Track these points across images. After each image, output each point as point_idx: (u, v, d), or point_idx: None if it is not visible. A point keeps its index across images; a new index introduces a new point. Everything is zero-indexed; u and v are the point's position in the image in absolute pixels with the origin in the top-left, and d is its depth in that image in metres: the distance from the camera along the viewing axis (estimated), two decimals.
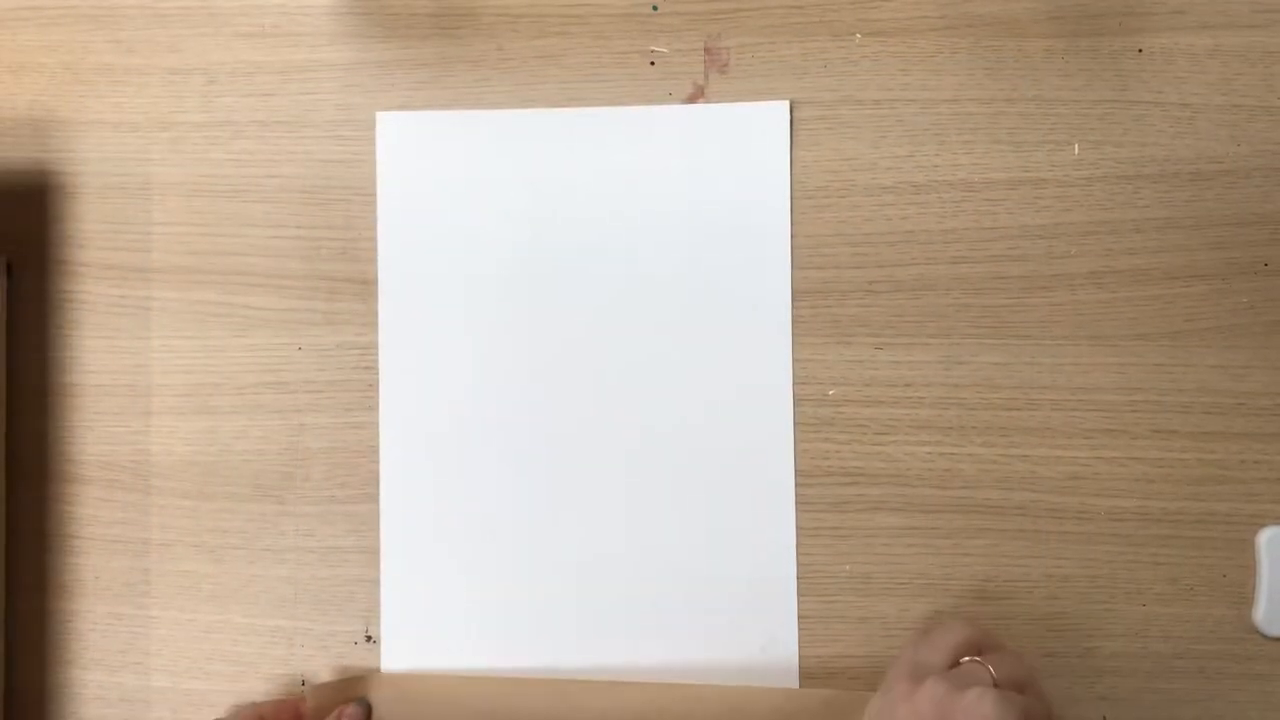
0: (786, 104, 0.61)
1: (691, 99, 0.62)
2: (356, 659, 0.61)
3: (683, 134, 0.61)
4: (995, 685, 0.49)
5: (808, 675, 0.59)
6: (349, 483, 0.61)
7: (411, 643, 0.60)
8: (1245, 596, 0.59)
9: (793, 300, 0.61)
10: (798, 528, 0.60)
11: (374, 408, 0.61)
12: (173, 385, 0.62)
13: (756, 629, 0.59)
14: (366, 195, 0.62)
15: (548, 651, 0.60)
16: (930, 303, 0.60)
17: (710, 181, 0.61)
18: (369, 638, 0.61)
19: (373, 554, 0.61)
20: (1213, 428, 0.60)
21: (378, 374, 0.61)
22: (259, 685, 0.61)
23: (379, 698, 0.59)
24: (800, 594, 0.60)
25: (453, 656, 0.60)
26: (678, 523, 0.60)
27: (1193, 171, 0.61)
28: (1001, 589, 0.60)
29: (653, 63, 0.62)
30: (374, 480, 0.61)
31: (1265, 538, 0.59)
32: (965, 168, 0.61)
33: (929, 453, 0.60)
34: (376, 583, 0.61)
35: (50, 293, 0.62)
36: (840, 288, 0.61)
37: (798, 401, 0.60)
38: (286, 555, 0.61)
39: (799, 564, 0.60)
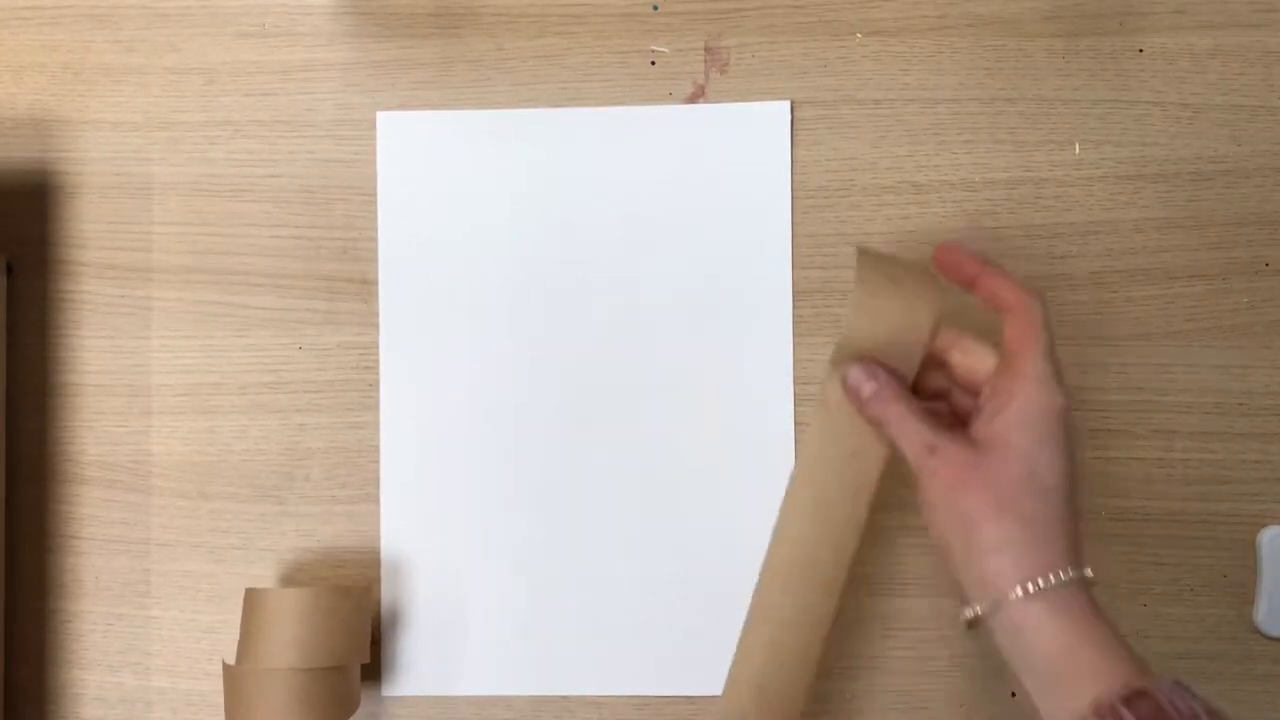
0: (787, 104, 0.61)
1: (692, 99, 0.62)
2: None
3: (683, 134, 0.61)
4: None
5: None
6: (349, 483, 0.61)
7: (411, 643, 0.60)
8: (1246, 597, 0.59)
9: (793, 300, 0.61)
10: None
11: (374, 408, 0.61)
12: (173, 385, 0.62)
13: None
14: (366, 195, 0.62)
15: (547, 650, 0.60)
16: None
17: (710, 181, 0.61)
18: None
19: (373, 554, 0.61)
20: (1213, 428, 0.60)
21: (378, 374, 0.61)
22: None
23: None
24: None
25: (452, 656, 0.60)
26: (678, 522, 0.60)
27: (1193, 171, 0.61)
28: None
29: (653, 63, 0.62)
30: (374, 480, 0.61)
31: (1266, 538, 0.59)
32: (965, 168, 0.61)
33: None
34: (376, 582, 0.61)
35: (50, 293, 0.62)
36: (840, 288, 0.61)
37: (798, 401, 0.60)
38: (286, 555, 0.61)
39: None
